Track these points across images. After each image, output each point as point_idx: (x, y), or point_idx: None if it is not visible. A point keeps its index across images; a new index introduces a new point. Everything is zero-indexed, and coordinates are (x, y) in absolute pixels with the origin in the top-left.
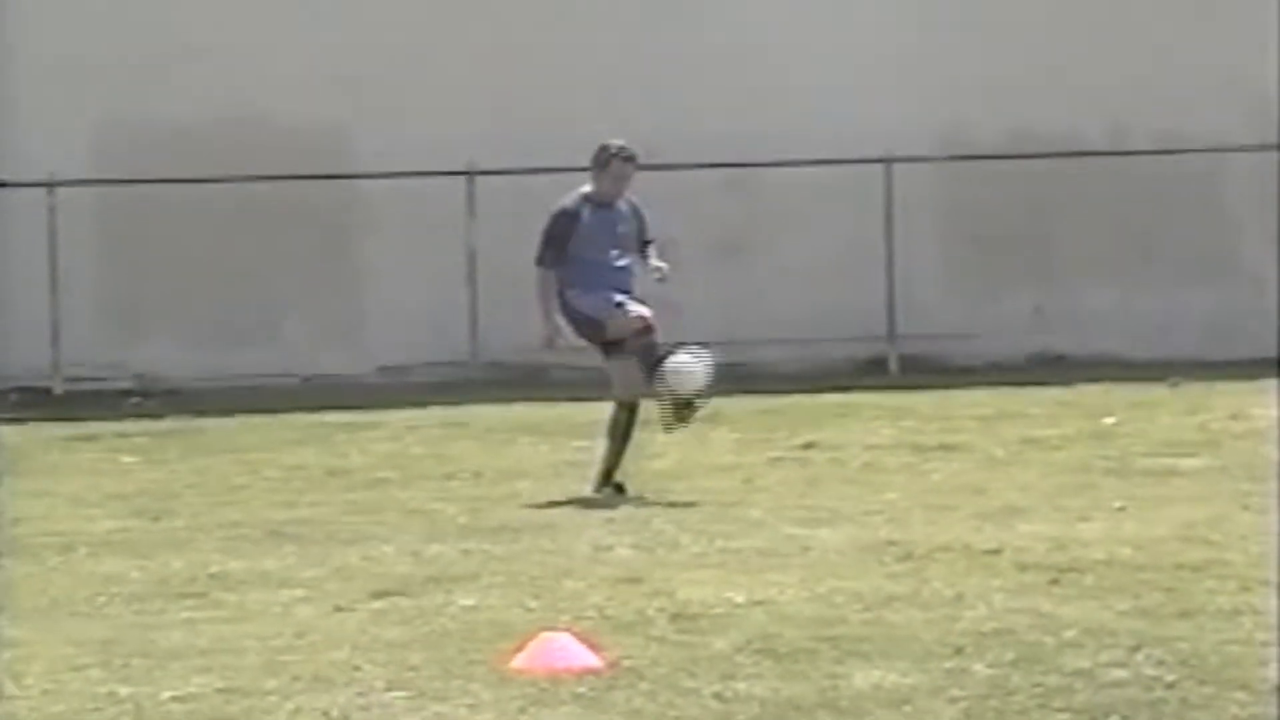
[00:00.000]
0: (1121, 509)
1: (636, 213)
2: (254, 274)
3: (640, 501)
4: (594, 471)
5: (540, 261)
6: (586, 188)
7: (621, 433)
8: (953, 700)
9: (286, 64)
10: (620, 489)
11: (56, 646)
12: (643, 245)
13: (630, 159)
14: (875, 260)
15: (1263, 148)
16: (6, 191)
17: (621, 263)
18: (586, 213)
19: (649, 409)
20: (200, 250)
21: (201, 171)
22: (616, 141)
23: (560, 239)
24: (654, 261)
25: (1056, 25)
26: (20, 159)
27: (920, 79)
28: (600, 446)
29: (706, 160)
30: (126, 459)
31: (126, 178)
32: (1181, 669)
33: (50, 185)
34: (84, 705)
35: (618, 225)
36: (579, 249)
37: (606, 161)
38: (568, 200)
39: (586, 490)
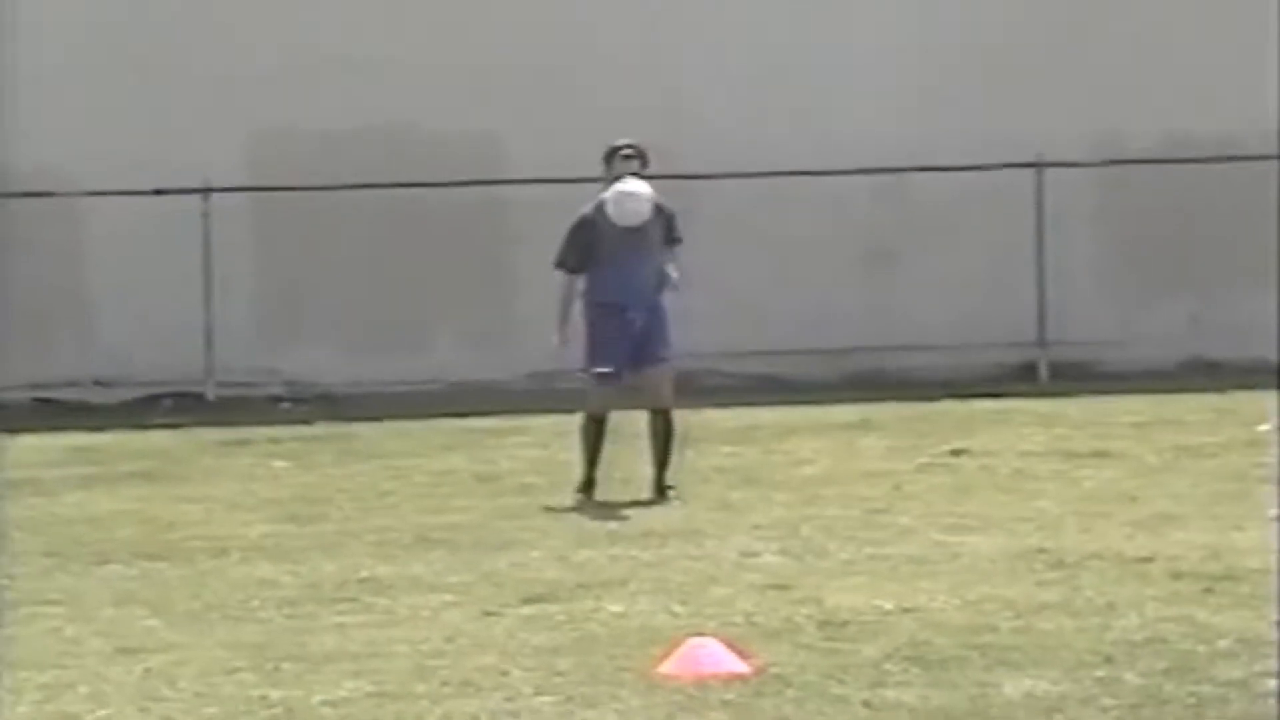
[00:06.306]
0: (1277, 517)
1: (660, 212)
2: (403, 281)
3: (788, 508)
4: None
5: (559, 264)
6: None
7: (592, 441)
8: (1104, 710)
9: (439, 73)
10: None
11: (209, 650)
12: (671, 244)
13: (631, 156)
14: (1026, 266)
15: None
16: (165, 199)
17: (640, 265)
18: (602, 218)
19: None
20: (350, 257)
21: (353, 179)
22: (623, 140)
23: (578, 246)
24: (669, 269)
25: (1209, 27)
26: (177, 167)
27: (1072, 83)
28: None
29: (855, 166)
30: (278, 464)
31: (280, 185)
32: None
33: (205, 191)
34: (236, 708)
35: (635, 227)
36: (599, 254)
37: (609, 158)
38: (587, 208)
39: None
